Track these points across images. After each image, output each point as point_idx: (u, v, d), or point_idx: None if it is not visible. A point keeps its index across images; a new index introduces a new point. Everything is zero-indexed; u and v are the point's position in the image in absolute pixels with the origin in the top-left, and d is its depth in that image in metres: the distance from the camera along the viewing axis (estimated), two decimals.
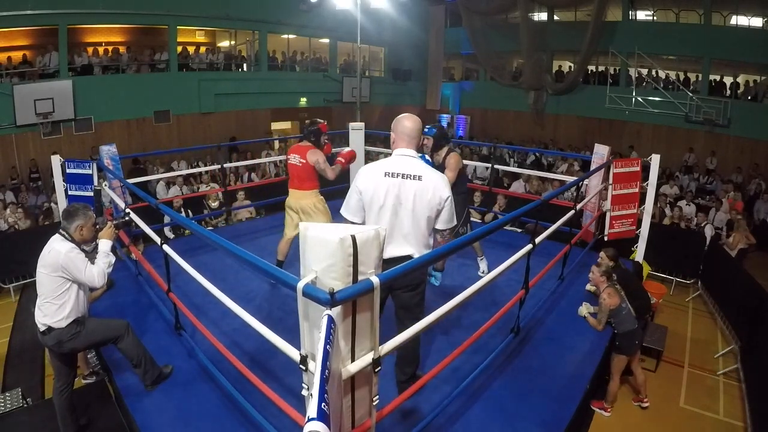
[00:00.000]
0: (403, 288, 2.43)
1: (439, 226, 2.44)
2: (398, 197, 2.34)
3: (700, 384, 4.55)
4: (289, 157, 3.92)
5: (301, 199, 3.89)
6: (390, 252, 2.36)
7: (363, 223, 2.43)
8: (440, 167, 3.76)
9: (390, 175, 2.35)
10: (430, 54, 16.87)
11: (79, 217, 2.61)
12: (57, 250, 2.50)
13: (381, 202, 2.35)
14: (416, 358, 2.63)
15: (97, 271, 2.60)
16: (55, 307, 2.53)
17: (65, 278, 2.53)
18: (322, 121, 4.03)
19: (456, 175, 3.81)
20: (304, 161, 3.80)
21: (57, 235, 2.60)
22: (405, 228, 2.37)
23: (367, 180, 2.37)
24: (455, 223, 2.52)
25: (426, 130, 3.70)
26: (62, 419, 2.64)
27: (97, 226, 2.83)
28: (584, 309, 3.77)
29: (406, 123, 2.45)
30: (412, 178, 2.34)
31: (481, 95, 16.76)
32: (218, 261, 4.46)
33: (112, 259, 2.73)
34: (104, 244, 2.75)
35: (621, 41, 13.04)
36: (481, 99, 16.72)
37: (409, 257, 2.37)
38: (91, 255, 2.70)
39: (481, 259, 4.36)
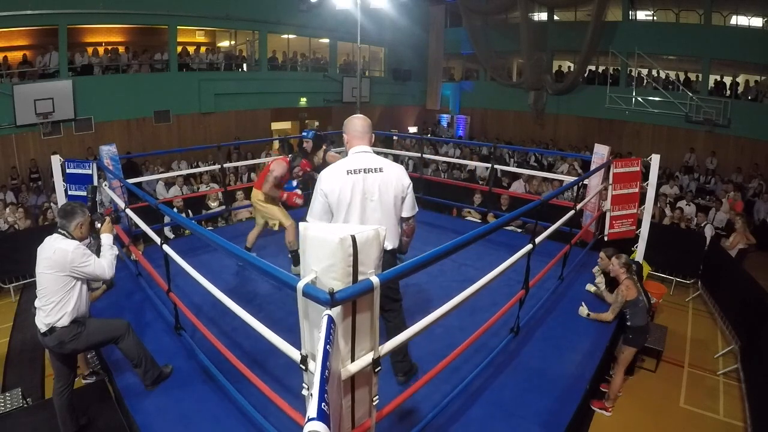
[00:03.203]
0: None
1: (404, 214, 2.55)
2: (364, 192, 2.41)
3: (700, 384, 4.55)
4: None
5: (252, 196, 4.35)
6: None
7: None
8: (322, 166, 4.04)
9: (352, 171, 2.41)
10: (430, 54, 16.88)
11: (78, 214, 2.62)
12: (63, 249, 2.49)
13: (348, 200, 2.39)
14: (407, 358, 2.77)
15: (107, 262, 2.66)
16: (57, 306, 2.53)
17: (72, 276, 2.53)
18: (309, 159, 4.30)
19: None
20: (269, 164, 4.21)
21: (56, 235, 2.59)
22: (375, 222, 2.42)
23: (331, 181, 2.40)
24: (417, 210, 2.62)
25: (305, 133, 4.24)
26: (62, 419, 2.64)
27: (96, 224, 2.84)
28: (584, 309, 3.77)
29: (357, 122, 2.55)
30: (374, 171, 2.43)
31: (481, 95, 16.77)
32: (218, 261, 4.46)
33: (116, 250, 2.79)
34: (106, 238, 2.80)
35: (621, 41, 13.05)
36: (481, 99, 16.73)
37: (385, 251, 2.40)
38: (93, 252, 2.72)
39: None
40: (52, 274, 2.51)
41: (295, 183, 4.28)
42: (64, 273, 2.51)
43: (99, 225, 2.88)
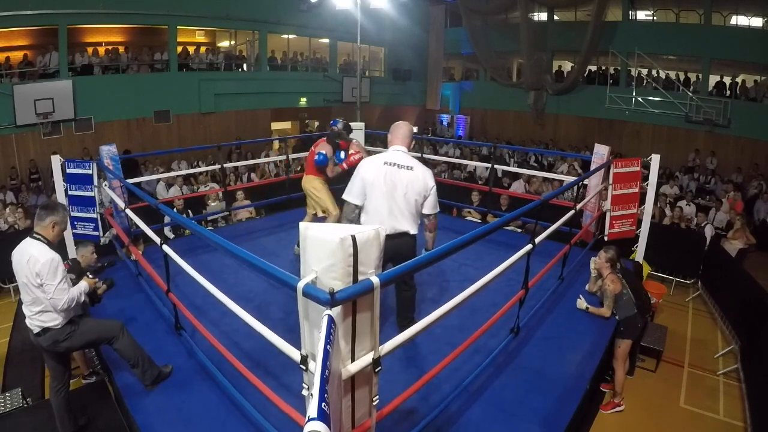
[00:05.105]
0: (401, 261, 2.69)
1: (425, 210, 2.96)
2: (394, 182, 2.86)
3: (700, 384, 4.55)
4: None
5: (306, 183, 4.58)
6: (393, 227, 2.86)
7: (362, 205, 2.93)
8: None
9: (389, 164, 2.89)
10: (430, 54, 16.87)
11: (58, 212, 2.53)
12: (35, 259, 2.37)
13: (381, 186, 2.85)
14: (413, 305, 3.18)
15: (70, 296, 2.47)
16: (47, 313, 2.49)
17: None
18: (347, 139, 4.57)
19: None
20: (314, 150, 4.48)
21: (29, 239, 2.46)
22: (400, 208, 2.87)
23: (370, 169, 2.90)
24: (438, 210, 3.04)
25: (333, 122, 4.56)
26: (60, 419, 2.64)
27: (73, 278, 2.79)
28: (582, 302, 3.82)
29: (402, 127, 3.08)
30: (406, 168, 2.89)
31: (481, 95, 16.76)
32: (218, 261, 4.45)
33: (83, 298, 2.65)
34: (83, 285, 2.68)
35: (621, 41, 13.05)
36: (481, 99, 16.72)
37: (406, 233, 2.90)
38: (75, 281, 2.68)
39: None
40: (27, 284, 2.42)
41: (342, 155, 4.53)
42: (38, 282, 2.39)
43: (92, 278, 2.83)
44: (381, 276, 1.64)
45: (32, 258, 2.39)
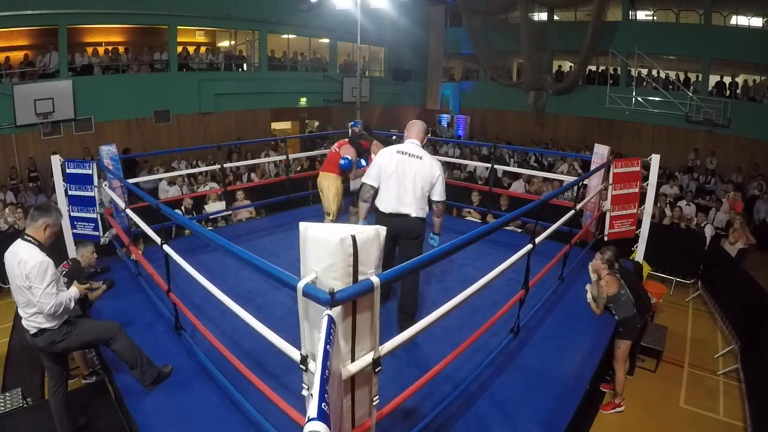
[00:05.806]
0: (408, 237, 3.24)
1: (434, 197, 3.30)
2: (404, 169, 3.21)
3: (700, 384, 4.55)
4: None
5: (322, 180, 4.63)
6: (395, 208, 3.21)
7: (378, 187, 3.29)
8: (366, 151, 4.66)
9: (401, 153, 3.26)
10: (430, 54, 16.87)
11: (51, 214, 2.50)
12: (25, 261, 2.35)
13: (392, 171, 3.21)
14: (415, 301, 3.33)
15: (57, 301, 2.41)
16: (42, 316, 2.47)
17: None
18: (368, 139, 4.68)
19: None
20: (338, 150, 4.58)
21: (20, 241, 2.45)
22: (407, 191, 3.19)
23: (385, 156, 3.28)
24: (445, 198, 3.35)
25: (352, 123, 4.85)
26: (59, 420, 2.64)
27: (65, 281, 2.75)
28: (588, 293, 3.88)
29: (417, 124, 3.45)
30: (416, 157, 3.24)
31: (481, 95, 16.76)
32: (218, 261, 4.45)
33: (72, 305, 2.61)
34: (73, 291, 2.65)
35: (621, 41, 13.04)
36: (481, 99, 16.71)
37: (407, 215, 3.21)
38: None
39: None
40: (19, 286, 2.40)
41: (363, 162, 4.59)
42: (27, 284, 2.37)
43: (84, 284, 2.80)
44: (381, 276, 1.64)
45: (22, 260, 2.37)
